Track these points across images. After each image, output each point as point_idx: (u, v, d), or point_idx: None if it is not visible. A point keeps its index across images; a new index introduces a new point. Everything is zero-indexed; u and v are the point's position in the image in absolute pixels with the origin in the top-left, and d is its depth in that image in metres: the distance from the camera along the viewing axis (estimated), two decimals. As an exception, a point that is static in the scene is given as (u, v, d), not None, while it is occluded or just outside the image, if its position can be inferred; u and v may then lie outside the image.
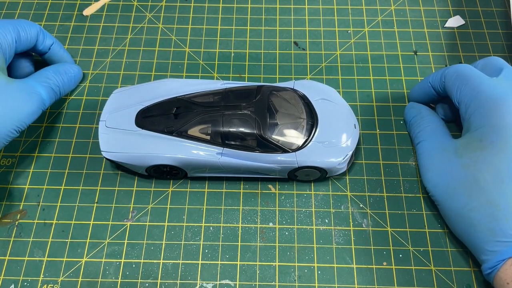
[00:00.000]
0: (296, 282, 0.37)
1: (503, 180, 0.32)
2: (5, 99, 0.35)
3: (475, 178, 0.33)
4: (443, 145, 0.37)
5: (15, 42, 0.39)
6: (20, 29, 0.39)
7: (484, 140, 0.34)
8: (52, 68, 0.42)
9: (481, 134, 0.34)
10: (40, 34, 0.42)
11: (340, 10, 0.51)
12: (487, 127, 0.34)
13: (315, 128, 0.38)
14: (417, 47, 0.48)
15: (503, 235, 0.32)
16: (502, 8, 0.51)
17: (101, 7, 0.51)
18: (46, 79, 0.40)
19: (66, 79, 0.42)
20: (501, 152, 0.33)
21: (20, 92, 0.37)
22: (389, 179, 0.41)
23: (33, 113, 0.38)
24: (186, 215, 0.40)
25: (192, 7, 0.51)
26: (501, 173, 0.32)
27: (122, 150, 0.38)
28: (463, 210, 0.34)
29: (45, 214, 0.40)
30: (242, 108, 0.37)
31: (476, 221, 0.33)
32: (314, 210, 0.40)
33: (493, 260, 0.32)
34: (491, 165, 0.33)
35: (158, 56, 0.48)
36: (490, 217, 0.32)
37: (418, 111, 0.42)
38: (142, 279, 0.37)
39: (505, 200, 0.32)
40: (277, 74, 0.46)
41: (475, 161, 0.34)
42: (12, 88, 0.36)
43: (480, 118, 0.35)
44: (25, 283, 0.37)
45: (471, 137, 0.35)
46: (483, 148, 0.34)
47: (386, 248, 0.38)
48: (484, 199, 0.33)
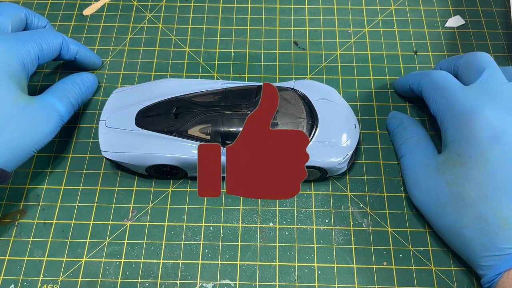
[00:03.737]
0: (296, 282, 0.37)
1: (487, 194, 0.32)
2: (24, 122, 0.35)
3: (460, 195, 0.33)
4: (426, 161, 0.37)
5: (37, 58, 0.38)
6: (42, 42, 0.38)
7: (462, 155, 0.33)
8: (70, 80, 0.41)
9: (458, 149, 0.34)
10: (64, 45, 0.41)
11: (340, 10, 0.51)
12: (463, 141, 0.33)
13: (315, 128, 0.38)
14: (417, 47, 0.48)
15: (496, 249, 0.31)
16: (502, 8, 0.51)
17: (101, 7, 0.51)
18: (64, 94, 0.39)
19: (84, 90, 0.42)
20: (480, 166, 0.32)
21: (40, 112, 0.36)
22: (389, 179, 0.41)
23: (52, 132, 0.37)
24: (186, 215, 0.40)
25: (192, 7, 0.51)
26: (484, 187, 0.32)
27: (122, 150, 0.38)
28: (454, 228, 0.33)
29: (45, 214, 0.40)
30: (242, 108, 0.37)
31: (467, 238, 0.33)
32: (314, 210, 0.40)
33: (490, 275, 0.32)
34: (473, 180, 0.32)
35: (158, 56, 0.48)
36: (480, 232, 0.32)
37: (400, 121, 0.41)
38: (142, 279, 0.37)
39: (492, 214, 0.32)
40: (277, 74, 0.46)
41: (457, 177, 0.33)
42: (31, 109, 0.36)
43: (454, 132, 0.34)
44: (25, 283, 0.37)
45: (449, 152, 0.35)
46: (462, 163, 0.33)
47: (386, 248, 0.38)
48: (472, 216, 0.32)
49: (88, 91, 0.43)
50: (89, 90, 0.43)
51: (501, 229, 0.31)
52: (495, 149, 0.32)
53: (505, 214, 0.31)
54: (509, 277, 0.31)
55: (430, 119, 0.44)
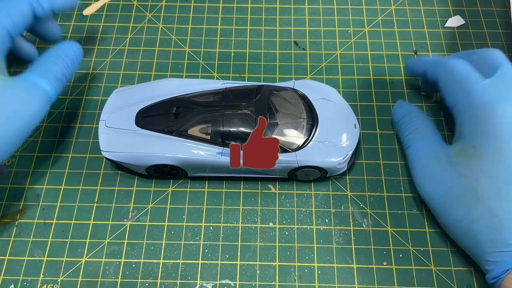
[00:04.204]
0: (296, 282, 0.37)
1: (501, 188, 0.31)
2: (6, 105, 0.33)
3: (473, 188, 0.32)
4: (436, 152, 0.36)
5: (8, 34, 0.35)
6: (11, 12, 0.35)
7: (477, 147, 0.33)
8: (51, 53, 0.38)
9: (474, 141, 0.33)
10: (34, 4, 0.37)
11: (340, 10, 0.51)
12: (480, 134, 0.33)
13: (315, 127, 0.38)
14: (417, 47, 0.48)
15: (505, 245, 0.31)
16: (502, 8, 0.51)
17: (101, 7, 0.51)
18: (47, 68, 0.36)
19: (69, 62, 0.38)
20: (496, 159, 0.32)
21: (22, 92, 0.34)
22: (389, 179, 0.41)
23: (39, 112, 0.35)
24: (186, 215, 0.40)
25: (192, 7, 0.51)
26: (498, 181, 0.32)
27: (122, 149, 0.38)
28: (463, 222, 0.33)
29: (45, 214, 0.40)
30: (242, 107, 0.37)
31: (477, 233, 0.32)
32: (314, 210, 0.40)
33: (496, 271, 0.31)
34: (487, 173, 0.32)
35: (158, 56, 0.47)
36: (490, 227, 0.31)
37: (407, 111, 0.40)
38: (142, 279, 0.37)
39: (505, 209, 0.31)
40: (277, 74, 0.46)
41: (471, 170, 0.33)
42: (10, 91, 0.33)
43: (472, 124, 0.34)
44: (25, 283, 0.37)
45: (464, 143, 0.34)
46: (478, 156, 0.33)
47: (386, 248, 0.38)
48: (483, 210, 0.32)
49: (74, 62, 0.39)
50: (75, 60, 0.39)
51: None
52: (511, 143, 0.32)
53: None
54: None
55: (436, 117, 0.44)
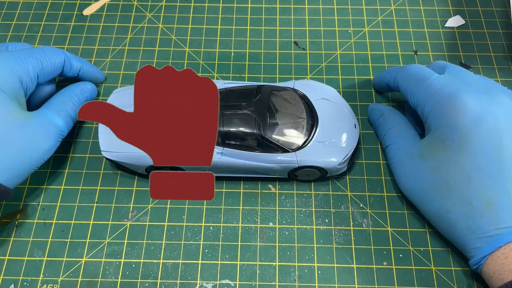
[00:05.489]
0: (296, 282, 0.37)
1: (471, 177, 0.32)
2: (24, 140, 0.34)
3: (444, 180, 0.33)
4: (409, 149, 0.37)
5: (37, 76, 0.37)
6: (43, 60, 0.37)
7: (445, 140, 0.34)
8: (68, 92, 0.40)
9: (441, 134, 0.34)
10: (66, 62, 0.40)
11: (340, 10, 0.51)
12: (445, 126, 0.34)
13: (315, 127, 0.38)
14: (417, 47, 0.48)
15: (481, 232, 0.32)
16: (502, 8, 0.51)
17: (101, 7, 0.51)
18: (63, 107, 0.38)
19: (83, 100, 0.41)
20: (463, 149, 0.33)
21: (39, 128, 0.36)
22: (389, 179, 0.41)
23: (52, 148, 0.37)
24: (186, 215, 0.40)
25: (192, 7, 0.51)
26: (467, 170, 0.32)
27: (122, 149, 0.38)
28: (440, 212, 0.34)
29: (45, 214, 0.40)
30: (242, 107, 0.37)
31: (453, 222, 0.33)
32: (314, 210, 0.40)
33: (477, 257, 0.32)
34: (456, 164, 0.33)
35: (158, 56, 0.47)
36: (465, 215, 0.32)
37: (381, 112, 0.42)
38: (142, 279, 0.37)
39: (476, 196, 0.32)
40: (277, 74, 0.46)
41: (441, 162, 0.34)
42: (30, 126, 0.35)
43: (436, 118, 0.35)
44: (24, 283, 0.37)
45: (432, 137, 0.35)
46: (445, 148, 0.33)
47: (387, 248, 0.38)
48: (456, 199, 0.33)
49: (88, 100, 0.42)
50: (89, 100, 0.42)
51: (485, 211, 0.31)
52: (477, 132, 0.32)
53: (488, 195, 0.32)
54: (493, 259, 0.31)
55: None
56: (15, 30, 0.49)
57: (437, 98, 0.35)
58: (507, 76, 0.46)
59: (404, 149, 0.38)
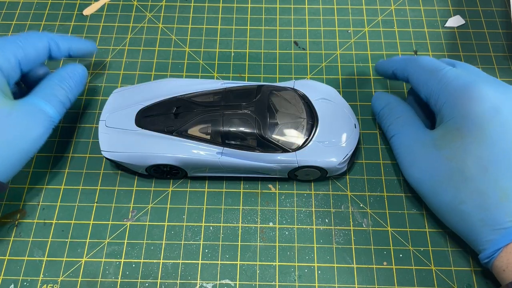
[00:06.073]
0: (296, 282, 0.37)
1: (487, 167, 0.32)
2: (10, 131, 0.33)
3: (460, 169, 0.33)
4: (420, 138, 0.36)
5: (19, 64, 0.36)
6: (24, 45, 0.36)
7: (461, 129, 0.33)
8: (56, 75, 0.38)
9: (457, 123, 0.34)
10: (52, 45, 0.38)
11: (340, 9, 0.51)
12: (462, 116, 0.33)
13: (315, 127, 0.38)
14: (417, 47, 0.48)
15: (495, 223, 0.31)
16: (502, 8, 0.51)
17: (101, 7, 0.51)
18: (51, 91, 0.37)
19: (73, 84, 0.39)
20: (480, 139, 0.32)
21: (26, 117, 0.34)
22: (389, 179, 0.41)
23: (42, 135, 0.35)
24: (186, 214, 0.40)
25: (192, 7, 0.51)
26: (484, 161, 0.32)
27: (122, 149, 0.38)
28: (453, 204, 0.33)
29: (45, 214, 0.40)
30: (242, 107, 0.37)
31: (466, 213, 0.32)
32: (314, 209, 0.40)
33: (489, 250, 0.32)
34: (473, 153, 0.32)
35: (158, 56, 0.47)
36: (480, 207, 0.32)
37: (386, 101, 0.41)
38: (142, 279, 0.37)
39: (492, 187, 0.31)
40: (277, 74, 0.46)
41: (457, 151, 0.33)
42: (16, 115, 0.34)
43: (452, 108, 0.34)
44: (24, 283, 0.37)
45: (447, 127, 0.34)
46: (462, 137, 0.33)
47: (387, 248, 0.38)
48: (471, 190, 0.32)
49: (78, 85, 0.39)
50: (79, 83, 0.40)
51: (500, 202, 0.31)
52: (494, 122, 0.32)
53: (504, 186, 0.31)
54: (507, 252, 0.31)
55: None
56: (15, 30, 0.49)
57: (452, 87, 0.34)
58: (507, 76, 0.46)
59: (414, 138, 0.37)
